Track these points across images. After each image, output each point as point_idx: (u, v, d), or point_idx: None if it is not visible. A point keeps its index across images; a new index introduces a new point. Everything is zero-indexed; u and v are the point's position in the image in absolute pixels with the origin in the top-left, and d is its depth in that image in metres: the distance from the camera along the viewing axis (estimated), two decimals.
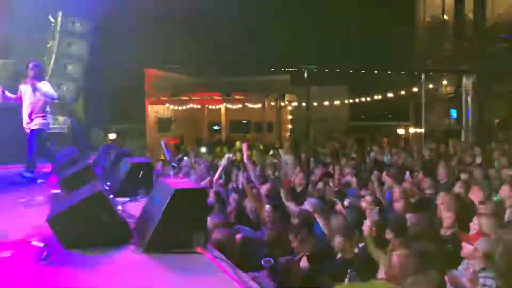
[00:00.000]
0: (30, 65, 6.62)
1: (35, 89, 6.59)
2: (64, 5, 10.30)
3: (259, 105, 21.29)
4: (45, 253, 3.25)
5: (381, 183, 6.82)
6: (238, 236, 4.29)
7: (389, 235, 4.46)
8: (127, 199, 5.14)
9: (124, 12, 12.39)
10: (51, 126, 9.10)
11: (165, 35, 19.93)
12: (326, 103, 25.51)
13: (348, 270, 3.90)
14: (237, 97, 20.96)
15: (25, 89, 6.74)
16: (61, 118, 10.46)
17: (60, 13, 10.41)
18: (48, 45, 10.51)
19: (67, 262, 3.15)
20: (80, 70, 10.57)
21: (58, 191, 5.33)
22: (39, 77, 6.70)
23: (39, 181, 6.56)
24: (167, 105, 21.44)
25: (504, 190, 5.67)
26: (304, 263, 4.40)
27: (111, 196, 4.94)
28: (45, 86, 6.67)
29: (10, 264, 3.15)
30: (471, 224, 4.36)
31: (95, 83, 11.89)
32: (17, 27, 10.89)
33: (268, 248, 4.62)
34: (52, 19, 10.46)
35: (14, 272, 2.99)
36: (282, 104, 22.87)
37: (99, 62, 12.00)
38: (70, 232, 3.43)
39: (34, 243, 3.50)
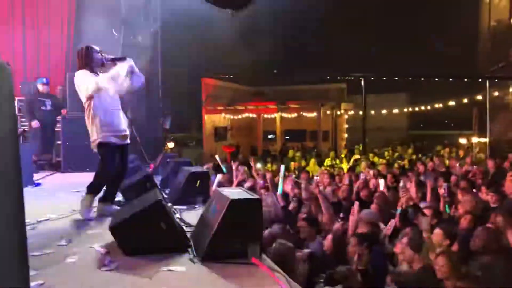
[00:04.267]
0: None
1: None
2: (126, 20, 10.74)
3: (315, 114, 21.13)
4: (107, 260, 3.39)
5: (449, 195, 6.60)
6: (305, 252, 4.29)
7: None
8: (184, 207, 5.27)
9: (184, 22, 12.74)
10: None
11: (222, 44, 20.31)
12: (384, 111, 24.95)
13: None
14: (292, 106, 20.93)
15: None
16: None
17: (123, 27, 10.89)
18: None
19: (128, 269, 3.26)
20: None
21: (120, 199, 5.53)
22: None
23: None
24: (223, 114, 21.77)
25: None
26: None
27: (170, 204, 5.09)
28: None
29: (74, 268, 3.31)
30: None
31: (154, 92, 12.29)
32: (82, 40, 11.49)
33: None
34: (115, 33, 10.94)
35: (78, 277, 3.13)
36: (338, 112, 22.59)
37: (158, 71, 12.41)
38: (131, 239, 3.55)
39: (98, 249, 3.66)
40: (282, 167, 7.79)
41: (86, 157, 8.98)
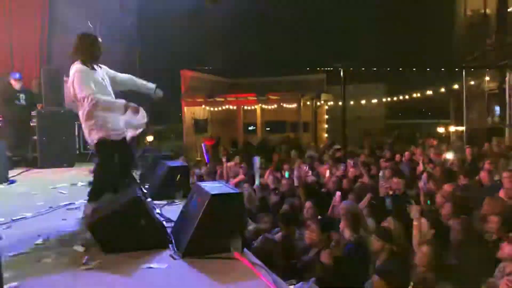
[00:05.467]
0: None
1: None
2: (103, 11, 10.51)
3: (295, 105, 21.15)
4: (85, 258, 3.31)
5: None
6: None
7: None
8: (164, 202, 5.20)
9: (160, 14, 12.56)
10: None
11: (200, 37, 20.13)
12: (363, 101, 25.14)
13: None
14: (272, 97, 20.89)
15: None
16: None
17: (99, 19, 10.66)
18: None
19: (107, 267, 3.19)
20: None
21: None
22: None
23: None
24: (203, 106, 21.63)
25: None
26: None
27: (149, 199, 5.01)
28: None
29: (52, 268, 3.23)
30: None
31: None
32: (56, 34, 11.24)
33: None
34: (91, 25, 10.71)
35: (56, 277, 3.06)
36: (318, 103, 22.65)
37: (136, 63, 12.24)
38: (110, 237, 3.48)
39: (75, 247, 3.58)
40: (257, 159, 7.77)
41: (63, 153, 8.83)
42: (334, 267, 4.17)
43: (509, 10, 17.51)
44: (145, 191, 5.32)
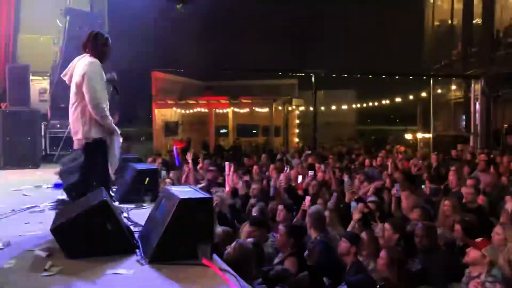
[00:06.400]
0: None
1: None
2: (71, 10, 10.29)
3: (267, 109, 21.21)
4: (48, 264, 3.21)
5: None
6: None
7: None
8: (132, 206, 5.10)
9: (130, 15, 12.39)
10: (57, 130, 9.11)
11: (172, 38, 19.96)
12: (333, 107, 25.46)
13: None
14: (244, 101, 20.88)
15: None
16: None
17: (68, 17, 10.42)
18: (56, 49, 10.53)
19: (71, 273, 3.10)
20: None
21: (64, 197, 5.29)
22: None
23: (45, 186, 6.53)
24: (174, 108, 21.41)
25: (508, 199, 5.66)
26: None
27: (117, 203, 4.91)
28: None
29: (13, 274, 3.11)
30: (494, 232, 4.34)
31: None
32: (24, 31, 10.95)
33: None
34: (59, 23, 10.48)
35: (17, 283, 2.95)
36: (290, 108, 22.79)
37: (106, 65, 12.00)
38: (74, 241, 3.39)
39: (37, 252, 3.46)
40: (227, 164, 7.77)
41: (28, 154, 8.58)
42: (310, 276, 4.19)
43: (474, 22, 18.08)
44: (112, 194, 5.21)
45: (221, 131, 22.34)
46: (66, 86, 4.64)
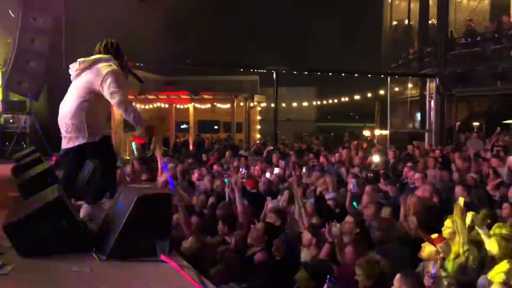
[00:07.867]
0: None
1: None
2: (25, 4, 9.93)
3: (228, 105, 21.18)
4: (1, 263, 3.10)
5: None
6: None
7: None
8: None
9: (90, 8, 12.06)
10: (10, 125, 8.79)
11: (132, 32, 19.58)
12: (294, 104, 25.73)
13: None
14: (206, 96, 20.77)
15: None
16: (22, 117, 10.10)
17: (21, 8, 10.05)
18: (8, 41, 10.15)
19: (24, 271, 3.01)
20: (43, 66, 10.22)
21: (17, 194, 5.11)
22: None
23: None
24: (133, 103, 21.06)
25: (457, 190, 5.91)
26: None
27: (73, 199, 4.79)
28: None
29: None
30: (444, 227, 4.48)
31: (58, 80, 11.52)
32: None
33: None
34: (12, 14, 10.10)
35: None
36: (251, 104, 22.85)
37: (63, 58, 11.63)
38: (28, 240, 3.28)
39: None
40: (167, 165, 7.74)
41: None
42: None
43: (430, 22, 18.66)
44: (68, 190, 5.07)
45: (182, 126, 22.13)
46: (20, 79, 4.51)
